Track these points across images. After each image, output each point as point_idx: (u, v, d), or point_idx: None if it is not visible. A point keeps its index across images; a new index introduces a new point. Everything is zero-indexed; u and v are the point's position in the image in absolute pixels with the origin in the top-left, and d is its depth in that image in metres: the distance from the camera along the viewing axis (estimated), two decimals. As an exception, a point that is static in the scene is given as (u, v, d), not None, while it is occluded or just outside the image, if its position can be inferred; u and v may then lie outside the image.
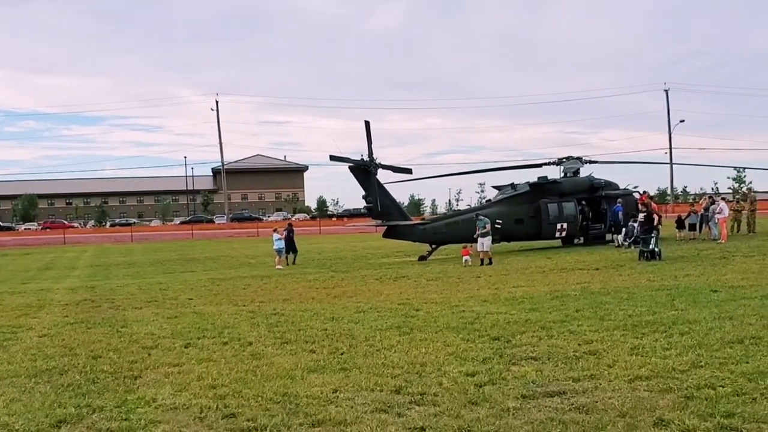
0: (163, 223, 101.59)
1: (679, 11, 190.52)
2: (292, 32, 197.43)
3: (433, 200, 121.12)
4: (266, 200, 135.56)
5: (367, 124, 26.72)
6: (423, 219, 30.58)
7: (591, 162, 30.57)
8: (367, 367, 8.19)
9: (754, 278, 15.19)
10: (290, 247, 27.96)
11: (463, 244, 24.91)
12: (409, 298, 14.87)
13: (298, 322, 11.95)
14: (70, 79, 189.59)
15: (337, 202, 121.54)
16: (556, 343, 9.02)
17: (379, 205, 26.51)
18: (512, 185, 29.58)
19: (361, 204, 29.19)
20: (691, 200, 77.44)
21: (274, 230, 28.59)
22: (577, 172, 30.18)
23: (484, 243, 23.41)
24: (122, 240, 60.15)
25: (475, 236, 23.84)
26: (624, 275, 17.45)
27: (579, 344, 8.92)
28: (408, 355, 8.75)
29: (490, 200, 31.11)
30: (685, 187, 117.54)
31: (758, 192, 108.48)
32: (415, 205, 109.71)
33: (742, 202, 31.83)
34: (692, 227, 28.78)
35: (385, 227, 27.42)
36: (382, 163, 26.88)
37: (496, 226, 27.52)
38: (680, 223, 29.27)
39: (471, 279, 18.76)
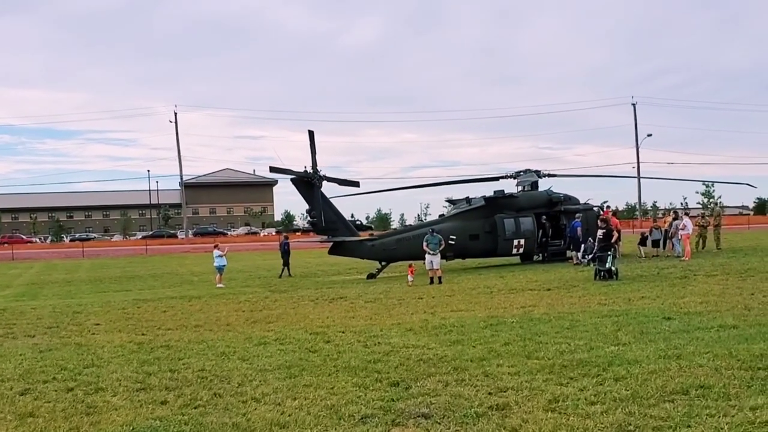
0: (125, 238, 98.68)
1: (650, 29, 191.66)
2: (268, 47, 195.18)
3: (402, 215, 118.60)
4: (234, 214, 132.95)
5: (310, 134, 25.09)
6: (371, 234, 28.90)
7: (549, 175, 29.11)
8: (212, 429, 6.44)
9: (714, 302, 13.68)
10: (286, 259, 28.19)
11: (409, 262, 23.32)
12: (330, 325, 13.18)
13: (180, 358, 10.17)
14: (45, 93, 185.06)
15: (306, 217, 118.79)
16: (461, 392, 7.33)
17: (324, 220, 24.84)
18: (467, 199, 28.02)
19: None
20: (660, 215, 76.63)
21: (215, 246, 26.70)
22: (535, 185, 28.71)
23: (433, 261, 21.77)
24: (73, 256, 57.73)
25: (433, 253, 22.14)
26: (575, 297, 15.93)
27: (489, 393, 7.25)
28: (275, 410, 7.01)
29: (443, 215, 29.51)
30: (655, 202, 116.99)
31: (729, 207, 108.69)
32: (382, 219, 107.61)
33: (707, 218, 30.52)
34: (656, 244, 27.40)
35: (331, 243, 25.70)
36: (327, 175, 25.21)
37: (450, 242, 26.00)
38: (644, 241, 27.90)
39: (412, 301, 17.15)
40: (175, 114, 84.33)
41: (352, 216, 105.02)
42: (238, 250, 57.62)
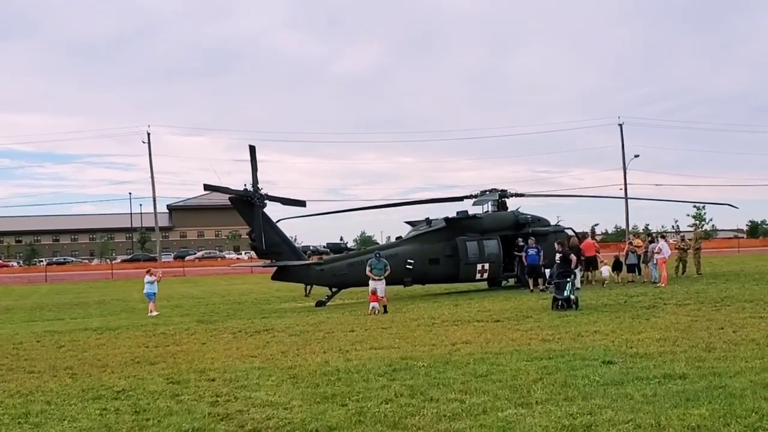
0: (102, 262, 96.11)
1: (645, 55, 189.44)
2: (266, 72, 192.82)
3: (388, 237, 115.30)
4: (222, 237, 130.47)
5: (252, 149, 22.96)
6: (321, 258, 26.66)
7: (517, 195, 26.97)
8: None
9: (674, 339, 11.48)
10: None
11: (372, 289, 21.14)
12: (210, 369, 11.07)
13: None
14: (44, 117, 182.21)
15: (295, 239, 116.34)
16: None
17: (265, 243, 22.61)
18: (427, 220, 25.84)
19: (323, 241, 25.60)
20: (640, 235, 74.26)
21: (148, 271, 24.36)
22: (502, 206, 26.58)
23: (378, 288, 19.58)
24: (36, 281, 55.43)
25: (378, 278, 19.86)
26: (521, 331, 13.75)
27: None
28: None
29: (401, 237, 27.36)
30: (647, 225, 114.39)
31: (723, 230, 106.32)
32: (365, 242, 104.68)
33: (688, 240, 28.28)
34: (631, 268, 25.21)
35: (275, 269, 23.48)
36: (269, 194, 23.04)
37: (407, 266, 23.85)
38: (617, 265, 25.69)
39: (340, 334, 15.05)
40: (149, 134, 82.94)
41: (341, 239, 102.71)
42: (202, 275, 55.47)
